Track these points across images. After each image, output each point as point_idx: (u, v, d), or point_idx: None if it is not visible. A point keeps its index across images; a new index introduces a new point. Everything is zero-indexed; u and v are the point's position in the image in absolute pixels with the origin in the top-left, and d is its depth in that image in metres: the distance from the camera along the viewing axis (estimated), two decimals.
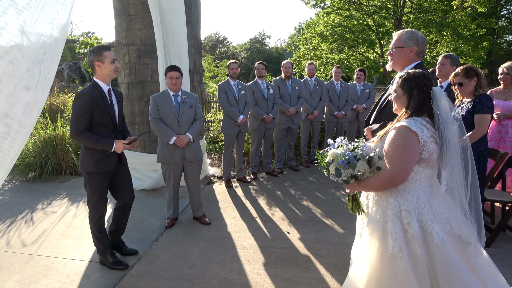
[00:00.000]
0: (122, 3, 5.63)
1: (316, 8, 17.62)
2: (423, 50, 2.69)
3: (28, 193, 5.43)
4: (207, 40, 52.55)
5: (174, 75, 4.12)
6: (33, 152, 6.21)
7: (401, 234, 1.99)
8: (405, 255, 1.97)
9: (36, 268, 3.38)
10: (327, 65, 17.50)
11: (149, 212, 4.71)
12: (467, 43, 15.10)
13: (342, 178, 2.15)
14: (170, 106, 4.17)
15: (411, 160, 1.97)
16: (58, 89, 11.25)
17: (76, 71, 22.36)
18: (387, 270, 2.01)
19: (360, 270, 2.15)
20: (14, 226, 4.30)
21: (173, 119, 4.17)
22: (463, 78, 3.57)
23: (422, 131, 1.97)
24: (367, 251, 2.14)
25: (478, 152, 3.54)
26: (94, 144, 3.14)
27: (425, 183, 2.05)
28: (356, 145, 2.16)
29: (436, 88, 2.03)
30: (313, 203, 4.99)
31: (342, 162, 2.10)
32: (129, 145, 3.31)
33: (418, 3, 15.77)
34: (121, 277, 3.23)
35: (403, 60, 2.67)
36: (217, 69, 30.13)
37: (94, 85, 3.21)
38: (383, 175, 2.03)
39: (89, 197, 3.31)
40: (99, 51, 3.16)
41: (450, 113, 1.98)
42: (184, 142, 4.14)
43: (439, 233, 1.94)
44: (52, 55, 2.58)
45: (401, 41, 2.65)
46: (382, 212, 2.10)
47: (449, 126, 1.97)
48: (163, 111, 4.17)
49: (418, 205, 2.00)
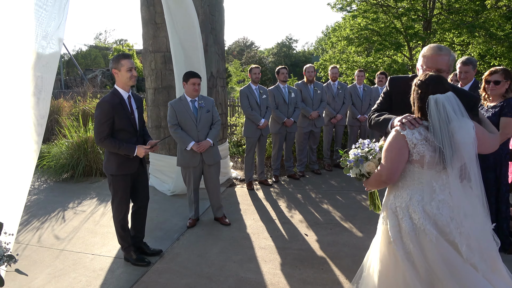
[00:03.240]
0: (149, 12, 5.89)
1: (342, 11, 17.51)
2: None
3: (61, 193, 5.76)
4: (235, 45, 53.20)
5: (196, 81, 4.21)
6: (66, 155, 6.56)
7: (396, 228, 2.14)
8: (400, 248, 2.09)
9: (65, 263, 3.61)
10: (354, 68, 17.30)
11: (172, 213, 4.88)
12: (501, 44, 14.51)
13: (352, 175, 2.36)
14: (188, 112, 4.26)
15: (396, 161, 2.10)
16: (91, 94, 11.78)
17: (108, 77, 23.27)
18: (392, 261, 2.16)
19: (374, 262, 2.32)
20: (47, 223, 4.59)
21: (191, 124, 4.26)
22: (502, 77, 3.49)
23: (413, 134, 2.04)
24: (377, 244, 2.31)
25: (500, 156, 3.45)
26: (117, 149, 3.30)
27: (425, 183, 2.09)
28: (371, 147, 2.31)
29: (432, 97, 2.00)
30: (333, 207, 5.00)
31: (350, 161, 2.30)
32: (150, 149, 3.46)
33: (448, 3, 15.34)
34: (143, 273, 3.39)
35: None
36: (244, 74, 30.44)
37: (114, 92, 3.37)
38: (375, 174, 2.23)
39: (113, 197, 3.49)
40: (117, 59, 3.31)
41: (452, 114, 1.96)
42: (205, 147, 4.25)
43: (432, 231, 2.00)
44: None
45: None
46: (386, 208, 2.26)
47: (452, 129, 1.95)
48: (182, 116, 4.27)
49: (410, 203, 2.10)
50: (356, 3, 16.80)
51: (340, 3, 16.96)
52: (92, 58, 44.46)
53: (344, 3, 16.93)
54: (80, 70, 24.02)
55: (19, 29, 2.18)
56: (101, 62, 43.57)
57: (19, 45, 2.17)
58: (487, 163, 3.51)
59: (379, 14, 16.33)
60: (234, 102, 11.62)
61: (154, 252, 3.75)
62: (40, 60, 2.21)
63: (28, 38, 2.18)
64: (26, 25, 2.20)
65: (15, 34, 2.16)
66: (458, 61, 4.22)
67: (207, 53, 5.99)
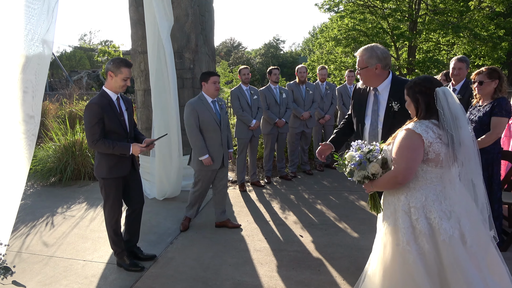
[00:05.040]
0: (138, 13, 5.79)
1: (330, 12, 17.59)
2: (388, 63, 2.81)
3: (48, 197, 5.62)
4: (222, 46, 53.03)
5: (217, 79, 3.94)
6: (53, 158, 6.41)
7: (409, 230, 2.11)
8: (413, 249, 2.07)
9: (56, 269, 3.51)
10: (342, 69, 17.41)
11: (165, 216, 4.81)
12: (485, 44, 14.79)
13: (356, 178, 2.30)
14: (211, 113, 3.99)
15: (413, 160, 2.07)
16: (77, 96, 11.57)
17: (94, 79, 22.94)
18: (399, 263, 2.12)
19: (377, 264, 2.28)
20: (35, 229, 4.46)
21: (215, 127, 4.01)
22: (485, 77, 3.52)
23: (427, 132, 2.05)
24: (381, 246, 2.26)
25: (492, 155, 3.49)
26: (112, 149, 3.21)
27: (436, 182, 2.11)
28: (371, 148, 2.28)
29: (439, 89, 2.07)
30: (326, 207, 5.00)
31: (354, 164, 2.26)
32: (146, 147, 3.39)
33: (434, 4, 15.56)
34: (137, 279, 3.32)
35: (372, 78, 2.81)
36: (232, 75, 30.36)
37: (103, 94, 3.29)
38: (388, 175, 2.19)
39: (105, 201, 3.41)
40: (119, 65, 3.22)
41: (459, 110, 2.02)
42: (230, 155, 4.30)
43: (448, 231, 2.00)
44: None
45: (364, 62, 2.79)
46: (394, 209, 2.22)
47: (459, 124, 2.01)
48: (205, 119, 3.96)
49: (426, 203, 2.09)
50: (344, 4, 16.92)
51: (327, 4, 17.05)
52: (77, 60, 43.77)
53: (331, 3, 17.03)
54: (65, 72, 23.61)
55: (8, 28, 2.11)
56: (86, 63, 42.91)
57: (8, 46, 2.10)
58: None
59: (366, 14, 16.48)
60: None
61: (147, 256, 3.68)
62: (31, 62, 2.14)
63: (17, 38, 2.11)
64: (15, 24, 2.13)
65: (3, 34, 2.09)
66: (453, 58, 4.28)
67: (198, 54, 5.94)
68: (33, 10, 2.16)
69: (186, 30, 5.79)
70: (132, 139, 3.48)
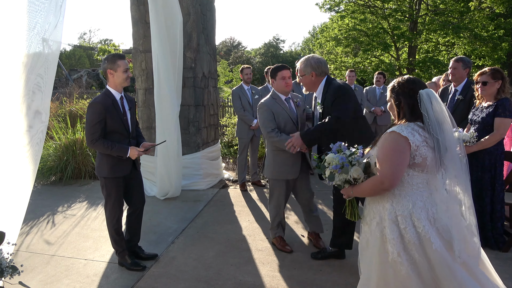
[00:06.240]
0: (139, 12, 5.79)
1: (331, 12, 17.60)
2: (323, 70, 3.28)
3: (49, 196, 5.61)
4: (222, 45, 53.03)
5: (287, 74, 3.51)
6: (54, 157, 6.40)
7: (398, 240, 1.98)
8: (404, 260, 1.95)
9: (57, 269, 3.50)
10: (342, 69, 17.42)
11: (166, 215, 4.80)
12: (485, 44, 14.81)
13: (336, 182, 2.18)
14: (288, 113, 3.55)
15: (400, 164, 1.95)
16: (77, 95, 11.54)
17: (94, 78, 22.92)
18: (391, 275, 2.00)
19: (369, 277, 2.16)
20: (36, 228, 4.45)
21: (292, 128, 3.56)
22: (489, 78, 3.51)
23: (413, 135, 1.95)
24: (371, 257, 2.14)
25: (495, 156, 3.49)
26: (109, 150, 3.21)
27: (423, 188, 2.01)
28: (353, 151, 2.17)
29: (423, 91, 1.98)
30: (327, 207, 4.99)
31: (335, 166, 2.12)
32: (144, 152, 3.38)
33: (434, 5, 15.57)
34: (139, 278, 3.31)
35: (310, 84, 3.34)
36: (232, 74, 30.33)
37: (106, 93, 3.28)
38: (372, 180, 2.05)
39: (106, 201, 3.40)
40: (113, 60, 3.21)
41: (444, 114, 1.94)
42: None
43: (437, 240, 1.91)
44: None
45: (302, 71, 3.29)
46: (380, 218, 2.08)
47: (442, 128, 1.93)
48: (281, 120, 3.53)
49: (414, 210, 1.97)
50: (344, 4, 16.93)
51: (328, 4, 17.07)
52: (76, 58, 43.71)
53: (332, 3, 17.05)
54: (65, 71, 23.53)
55: (15, 24, 2.10)
56: (86, 62, 42.86)
57: (15, 43, 2.09)
58: (483, 164, 3.55)
59: (367, 14, 16.49)
60: (224, 102, 11.55)
61: (149, 256, 3.67)
62: (39, 60, 2.13)
63: (24, 35, 2.10)
64: (22, 20, 2.12)
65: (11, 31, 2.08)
66: (452, 59, 4.29)
67: (199, 53, 5.93)
68: (42, 4, 2.15)
69: (188, 29, 5.78)
70: (134, 139, 3.47)
